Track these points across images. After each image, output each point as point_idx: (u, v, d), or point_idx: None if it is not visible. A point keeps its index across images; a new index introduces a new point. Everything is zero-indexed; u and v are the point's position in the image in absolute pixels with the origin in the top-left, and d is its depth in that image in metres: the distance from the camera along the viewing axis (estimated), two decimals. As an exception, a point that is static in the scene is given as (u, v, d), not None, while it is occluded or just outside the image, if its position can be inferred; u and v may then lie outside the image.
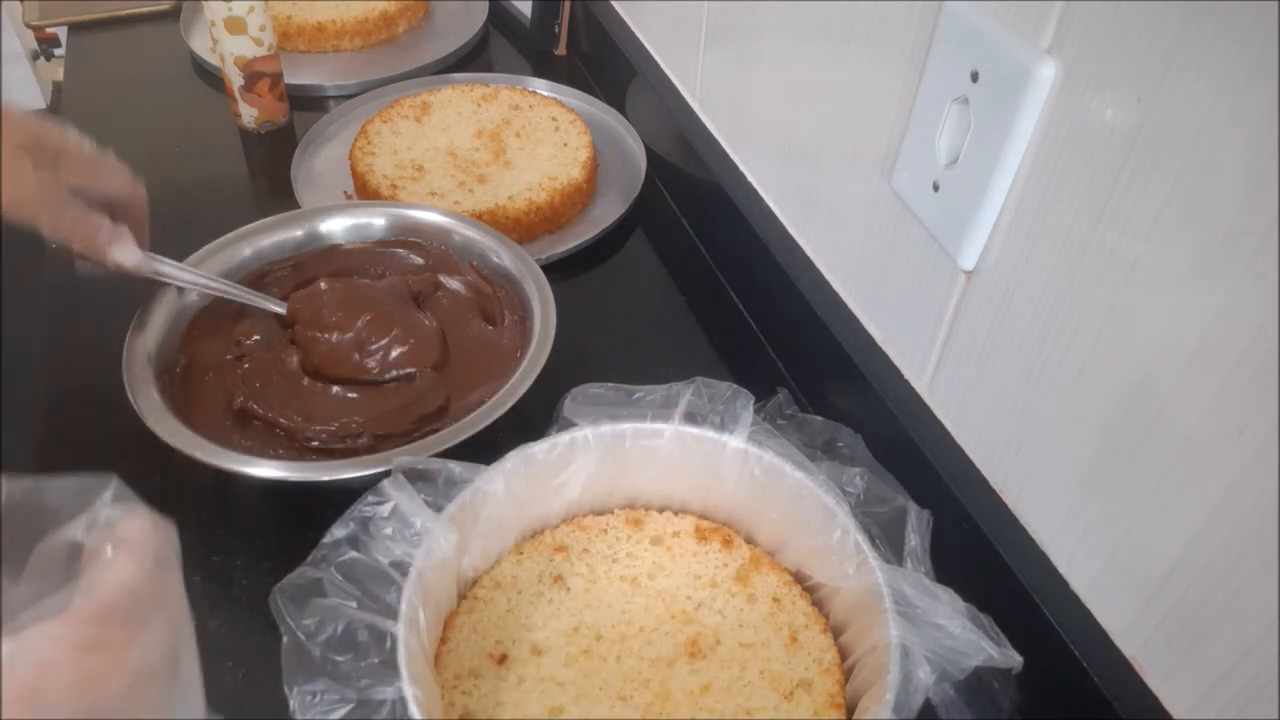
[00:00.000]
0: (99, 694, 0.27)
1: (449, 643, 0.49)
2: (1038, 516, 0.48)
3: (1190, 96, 0.35)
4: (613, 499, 0.56)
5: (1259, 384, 0.34)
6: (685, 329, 0.75)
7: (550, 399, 0.56)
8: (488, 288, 0.68)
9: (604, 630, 0.50)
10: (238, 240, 0.68)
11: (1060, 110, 0.41)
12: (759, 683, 0.48)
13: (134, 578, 0.29)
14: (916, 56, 0.49)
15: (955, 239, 0.48)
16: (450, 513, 0.48)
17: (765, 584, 0.52)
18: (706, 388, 0.55)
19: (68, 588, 0.29)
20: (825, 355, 0.62)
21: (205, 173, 0.88)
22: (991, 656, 0.44)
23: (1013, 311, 0.46)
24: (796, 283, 0.65)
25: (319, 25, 1.02)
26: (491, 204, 0.77)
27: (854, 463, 0.54)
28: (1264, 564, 0.35)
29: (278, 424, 0.58)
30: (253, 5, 0.83)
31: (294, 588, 0.44)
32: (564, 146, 0.84)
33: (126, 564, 0.29)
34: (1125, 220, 0.39)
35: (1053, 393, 0.45)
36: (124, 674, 0.28)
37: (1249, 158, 0.33)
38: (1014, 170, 0.44)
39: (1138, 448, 0.40)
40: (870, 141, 0.55)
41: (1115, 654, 0.44)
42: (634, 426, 0.53)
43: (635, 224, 0.84)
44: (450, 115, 0.88)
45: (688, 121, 0.80)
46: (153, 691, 0.29)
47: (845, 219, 0.60)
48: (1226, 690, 0.38)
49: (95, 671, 0.27)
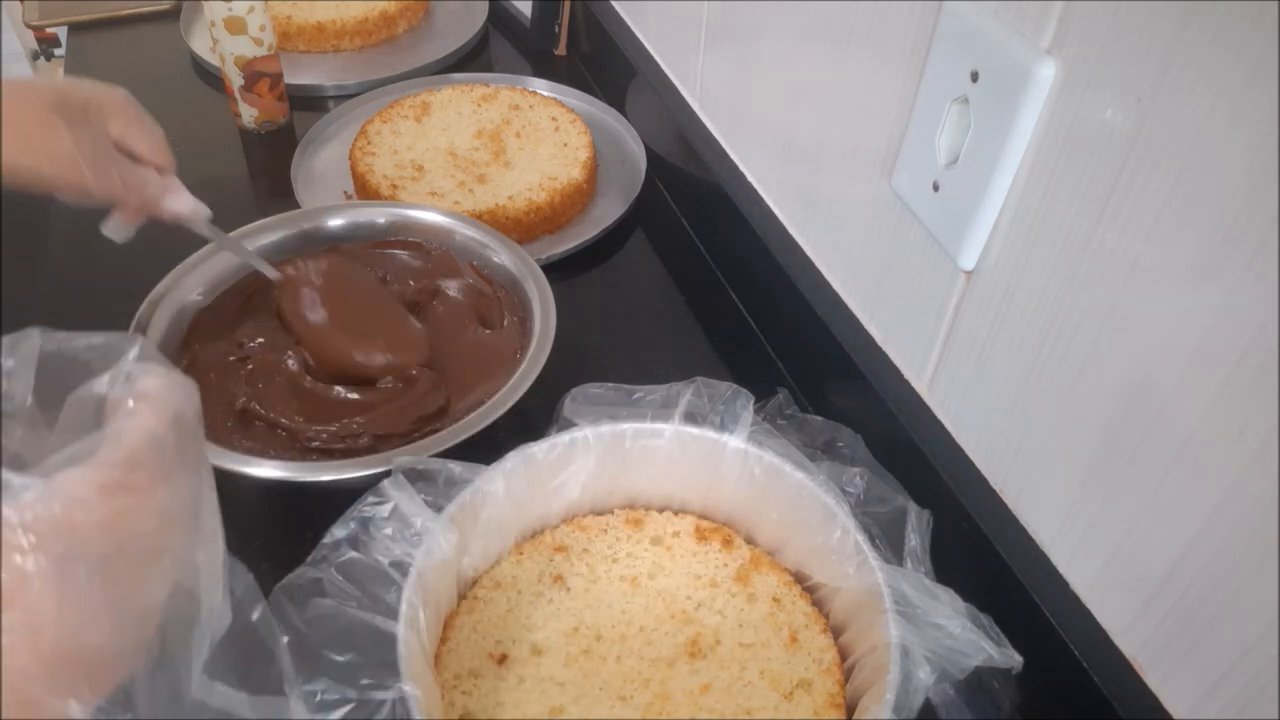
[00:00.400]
0: (125, 532, 0.29)
1: (449, 643, 0.49)
2: (1038, 516, 0.48)
3: (1190, 96, 0.35)
4: (613, 499, 0.56)
5: (1259, 384, 0.34)
6: (685, 329, 0.75)
7: (550, 399, 0.56)
8: (488, 288, 0.68)
9: (604, 630, 0.50)
10: (237, 240, 0.68)
11: (1060, 110, 0.41)
12: (759, 683, 0.48)
13: (155, 428, 0.31)
14: (916, 56, 0.49)
15: (955, 239, 0.48)
16: (450, 513, 0.48)
17: (765, 584, 0.52)
18: (706, 388, 0.55)
19: (94, 435, 0.30)
20: (825, 355, 0.62)
21: (205, 173, 0.87)
22: (991, 656, 0.44)
23: (1013, 311, 0.46)
24: (796, 282, 0.65)
25: (319, 25, 1.02)
26: (491, 204, 0.77)
27: (854, 463, 0.54)
28: (1264, 564, 0.35)
29: (279, 425, 0.58)
30: (253, 5, 0.83)
31: (294, 587, 0.44)
32: (564, 146, 0.84)
33: (148, 415, 0.31)
34: (1125, 220, 0.39)
35: (1053, 393, 0.45)
36: (149, 516, 0.30)
37: (1249, 158, 0.33)
38: (1014, 170, 0.44)
39: (1138, 448, 0.40)
40: (870, 141, 0.55)
41: (1115, 654, 0.44)
42: (634, 426, 0.53)
43: (635, 224, 0.84)
44: (450, 115, 0.88)
45: (688, 121, 0.80)
46: (176, 536, 0.31)
47: (845, 219, 0.61)
48: (1226, 690, 0.38)
49: (122, 511, 0.29)
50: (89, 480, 0.28)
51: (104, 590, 0.28)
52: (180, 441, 0.31)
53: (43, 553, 0.27)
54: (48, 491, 0.28)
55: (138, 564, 0.29)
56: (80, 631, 0.28)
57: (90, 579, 0.28)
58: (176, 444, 0.31)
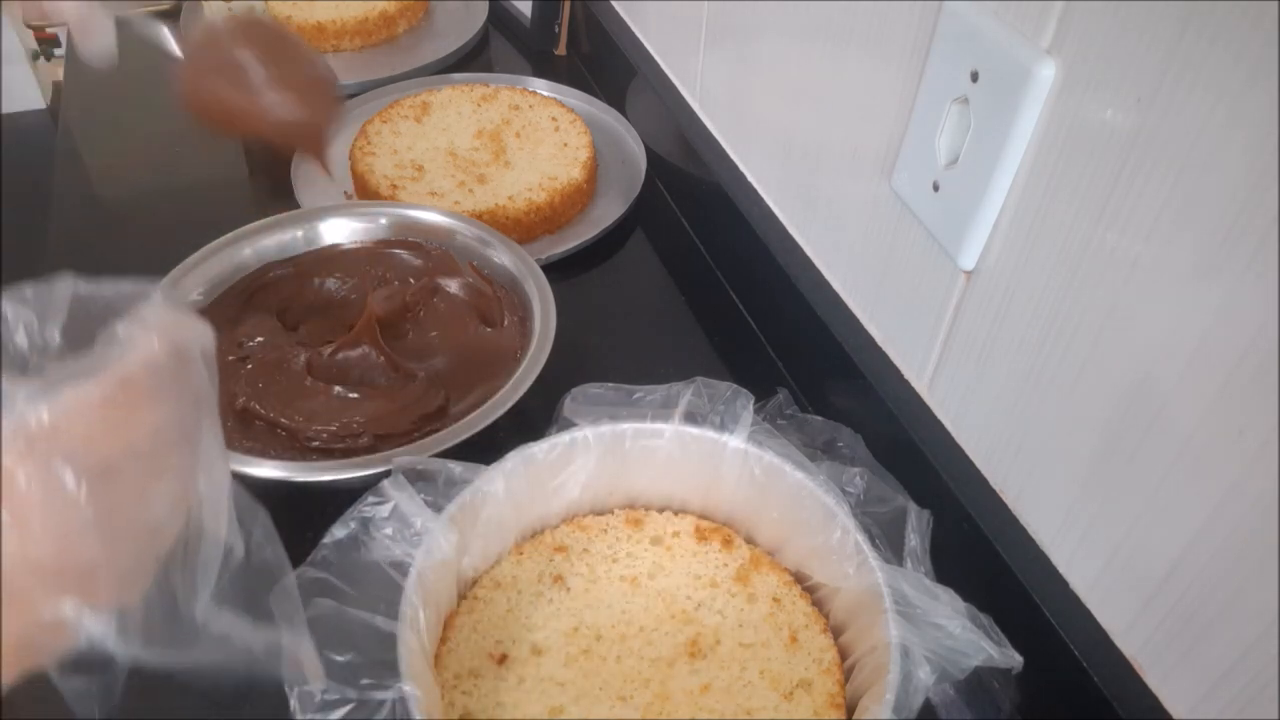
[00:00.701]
0: (117, 444, 0.30)
1: (449, 643, 0.49)
2: (1038, 516, 0.48)
3: (1190, 96, 0.35)
4: (613, 499, 0.56)
5: (1259, 384, 0.34)
6: (685, 329, 0.75)
7: (550, 399, 0.56)
8: (488, 288, 0.68)
9: (604, 630, 0.50)
10: (238, 240, 0.68)
11: (1060, 110, 0.41)
12: (759, 683, 0.48)
13: (153, 353, 0.32)
14: (916, 56, 0.49)
15: (955, 239, 0.48)
16: (450, 513, 0.48)
17: (765, 584, 0.52)
18: (706, 388, 0.55)
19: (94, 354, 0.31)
20: (825, 355, 0.62)
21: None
22: (991, 656, 0.44)
23: (1013, 311, 0.46)
24: (796, 283, 0.65)
25: (319, 25, 1.02)
26: (491, 204, 0.77)
27: (854, 463, 0.54)
28: (1264, 564, 0.35)
29: (279, 425, 0.58)
30: (253, 5, 0.83)
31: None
32: (564, 146, 0.84)
33: (150, 342, 0.32)
34: (1125, 220, 0.39)
35: (1053, 393, 0.45)
36: (142, 432, 0.31)
37: (1249, 158, 0.33)
38: (1014, 170, 0.44)
39: (1138, 448, 0.40)
40: (870, 141, 0.55)
41: (1115, 654, 0.44)
42: (634, 426, 0.53)
43: (635, 224, 0.84)
44: (450, 115, 0.88)
45: (688, 121, 0.81)
46: (174, 459, 0.32)
47: (845, 219, 0.61)
48: (1226, 690, 0.38)
49: (115, 423, 0.30)
50: (81, 393, 0.30)
51: (95, 502, 0.29)
52: (181, 370, 0.33)
53: (30, 457, 0.28)
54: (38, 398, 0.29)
55: (132, 481, 0.31)
56: (70, 538, 0.29)
57: (79, 487, 0.29)
58: (175, 371, 0.32)
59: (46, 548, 0.28)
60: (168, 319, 0.33)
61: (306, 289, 0.68)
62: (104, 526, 0.29)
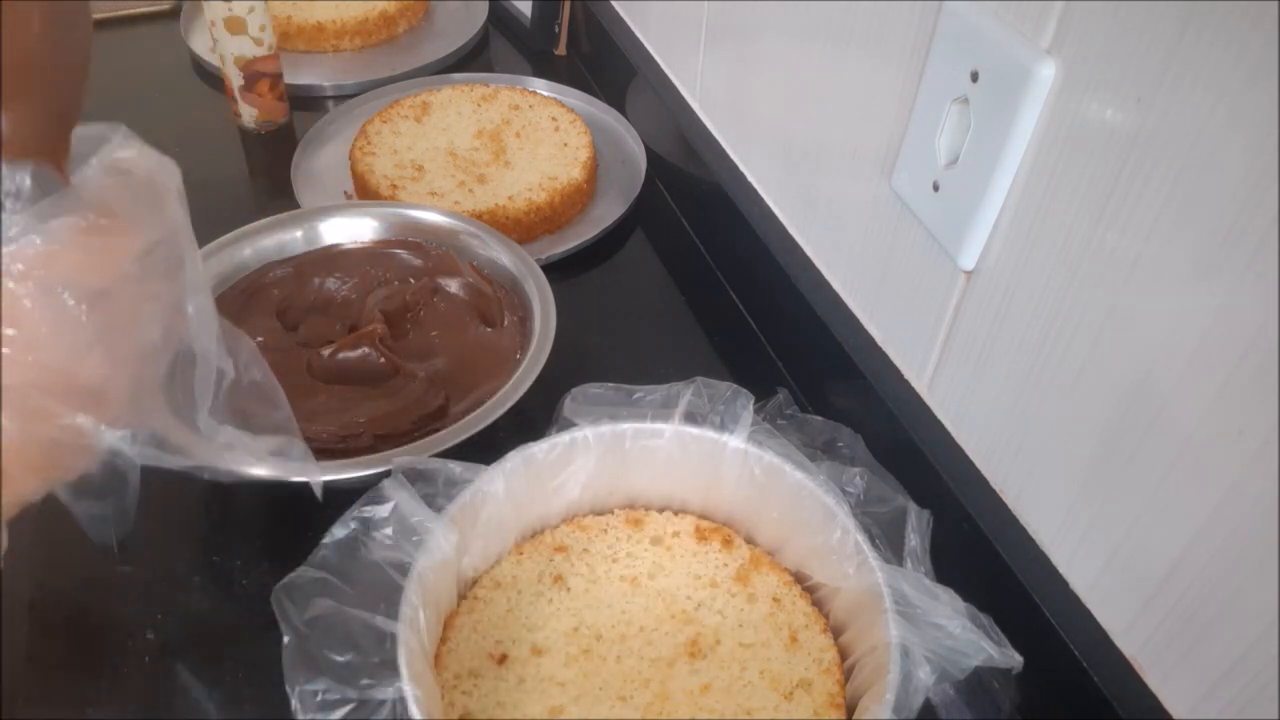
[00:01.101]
0: (107, 269, 0.32)
1: (449, 643, 0.49)
2: (1038, 516, 0.48)
3: (1190, 96, 0.35)
4: (613, 499, 0.56)
5: (1259, 384, 0.34)
6: (685, 329, 0.75)
7: (550, 399, 0.56)
8: (487, 288, 0.68)
9: (604, 630, 0.50)
10: (238, 240, 0.68)
11: (1060, 110, 0.41)
12: (759, 683, 0.48)
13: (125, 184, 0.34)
14: (916, 56, 0.49)
15: (955, 239, 0.48)
16: (450, 513, 0.48)
17: (765, 584, 0.52)
18: (706, 388, 0.55)
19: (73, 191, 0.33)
20: (825, 355, 0.62)
21: (205, 173, 0.87)
22: (991, 656, 0.44)
23: (1013, 311, 0.46)
24: (796, 283, 0.65)
25: (319, 25, 1.02)
26: (491, 204, 0.77)
27: (854, 463, 0.54)
28: (1264, 564, 0.35)
29: (278, 424, 0.58)
30: (253, 5, 0.83)
31: (294, 587, 0.44)
32: (564, 146, 0.84)
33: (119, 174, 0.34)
34: (1125, 220, 0.39)
35: (1053, 393, 0.45)
36: (125, 256, 0.33)
37: (1249, 158, 0.33)
38: (1014, 170, 0.44)
39: (1138, 448, 0.40)
40: (870, 141, 0.55)
41: (1115, 654, 0.44)
42: (634, 426, 0.53)
43: (635, 224, 0.84)
44: (450, 115, 0.88)
45: (688, 121, 0.80)
46: (159, 284, 0.34)
47: (845, 219, 0.61)
48: (1226, 690, 0.38)
49: (102, 250, 0.32)
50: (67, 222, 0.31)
51: (95, 323, 0.31)
52: (155, 200, 0.34)
53: (30, 279, 0.30)
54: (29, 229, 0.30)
55: (125, 304, 0.33)
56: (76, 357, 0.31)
57: (79, 309, 0.31)
58: (150, 200, 0.34)
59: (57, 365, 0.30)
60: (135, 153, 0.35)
61: (306, 289, 0.68)
62: (106, 345, 0.32)
